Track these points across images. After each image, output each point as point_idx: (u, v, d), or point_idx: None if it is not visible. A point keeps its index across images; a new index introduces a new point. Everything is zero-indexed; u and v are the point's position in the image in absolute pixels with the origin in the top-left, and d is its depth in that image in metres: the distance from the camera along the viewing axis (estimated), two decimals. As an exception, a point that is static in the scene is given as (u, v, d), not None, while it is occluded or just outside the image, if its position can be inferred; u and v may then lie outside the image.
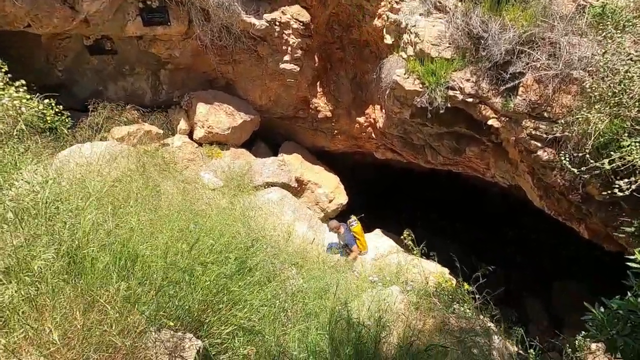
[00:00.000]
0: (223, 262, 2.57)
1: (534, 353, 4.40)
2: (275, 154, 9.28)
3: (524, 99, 4.97)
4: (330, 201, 8.89)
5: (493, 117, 5.61)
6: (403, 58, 6.49)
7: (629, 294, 2.24)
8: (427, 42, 5.93)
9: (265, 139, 10.02)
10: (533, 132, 4.95)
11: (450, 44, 5.72)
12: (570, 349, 4.50)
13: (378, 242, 7.91)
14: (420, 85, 6.04)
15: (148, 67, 7.93)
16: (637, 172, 3.54)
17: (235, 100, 8.44)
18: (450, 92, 5.70)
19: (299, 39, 7.60)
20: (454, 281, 5.69)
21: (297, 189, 8.42)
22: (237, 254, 2.78)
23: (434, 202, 12.09)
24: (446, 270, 6.81)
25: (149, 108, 7.83)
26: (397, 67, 6.52)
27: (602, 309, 2.34)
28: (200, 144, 7.83)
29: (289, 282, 3.53)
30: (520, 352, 4.24)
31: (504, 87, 5.04)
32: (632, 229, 3.76)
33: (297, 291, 3.29)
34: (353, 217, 6.89)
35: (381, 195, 12.22)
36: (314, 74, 8.24)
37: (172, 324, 2.05)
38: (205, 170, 7.14)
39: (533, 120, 5.02)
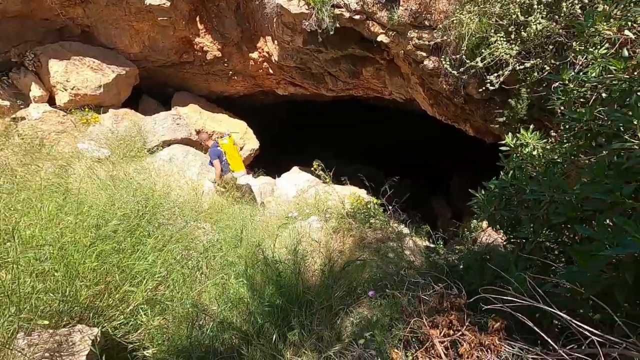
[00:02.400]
0: (105, 238, 2.21)
1: (441, 243, 5.05)
2: (169, 109, 8.30)
3: (406, 9, 4.97)
4: (241, 148, 8.48)
5: (381, 33, 5.57)
6: (283, -22, 5.90)
7: (502, 173, 2.52)
8: (305, -44, 5.43)
9: (152, 93, 8.83)
10: (418, 42, 5.07)
11: (328, -44, 5.30)
12: (467, 232, 5.27)
13: (297, 179, 7.96)
14: (306, 7, 5.65)
15: (-41, 21, 6.05)
16: (504, 65, 3.89)
17: (101, 52, 7.06)
18: (337, 11, 5.45)
19: (160, -35, 6.38)
20: (374, 200, 6.08)
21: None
22: (122, 226, 2.42)
23: (343, 129, 12.43)
24: (363, 192, 7.24)
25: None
26: (279, -11, 5.94)
27: (482, 191, 2.62)
28: (68, 111, 6.53)
29: (201, 238, 3.30)
30: (430, 245, 4.80)
31: (385, -1, 4.94)
32: (503, 119, 4.26)
33: (210, 246, 3.10)
34: (226, 132, 6.41)
35: (293, 132, 12.10)
36: (189, 8, 7.15)
37: (46, 322, 1.72)
38: (83, 140, 6.06)
39: (417, 30, 5.10)
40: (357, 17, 5.47)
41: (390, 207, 4.81)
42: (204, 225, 3.76)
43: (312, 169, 4.81)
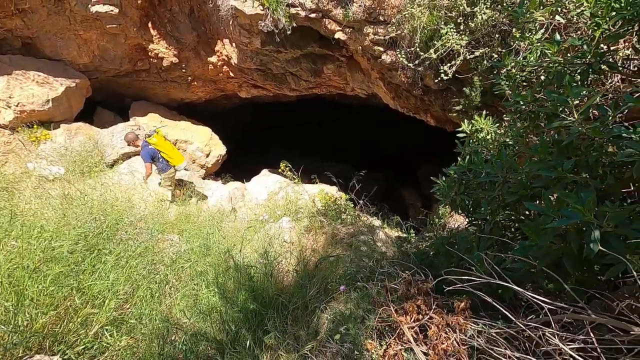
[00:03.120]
0: (59, 260, 2.08)
1: (413, 232, 5.18)
2: (127, 120, 7.97)
3: (360, 5, 5.04)
4: (208, 155, 8.30)
5: (338, 30, 5.62)
6: (235, -22, 5.82)
7: (459, 159, 2.62)
8: (255, -44, 5.37)
9: (108, 104, 8.46)
10: (374, 37, 5.15)
11: (279, -45, 5.28)
12: (436, 219, 5.44)
13: (267, 182, 7.88)
14: (261, 7, 5.60)
15: None
16: (456, 55, 4.03)
17: (46, 64, 6.66)
18: (293, 10, 5.44)
19: (104, -30, 6.10)
20: (343, 196, 6.13)
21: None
22: (79, 246, 2.29)
23: (310, 128, 12.45)
24: (334, 188, 7.29)
25: None
26: (232, -10, 5.85)
27: (443, 178, 2.71)
28: (14, 130, 6.10)
29: (169, 250, 3.19)
30: (401, 235, 4.91)
31: (339, -4, 4.98)
32: (460, 107, 4.42)
33: (178, 257, 3.00)
34: (152, 128, 5.82)
35: (260, 134, 11.98)
36: (140, 14, 6.89)
37: (-4, 357, 1.59)
38: (32, 159, 5.69)
39: (372, 26, 5.18)
40: (313, 15, 5.48)
41: (360, 202, 4.88)
42: (171, 237, 3.64)
43: (280, 170, 4.77)
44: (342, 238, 3.99)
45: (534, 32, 2.05)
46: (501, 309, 1.43)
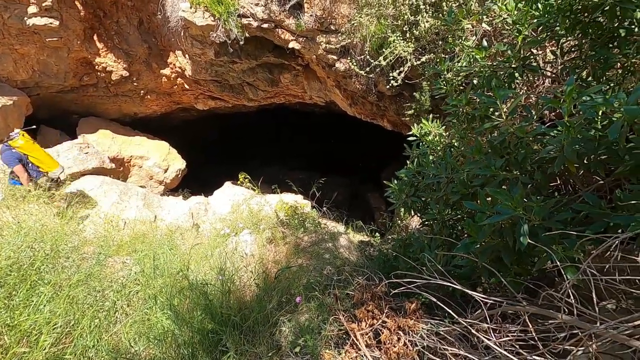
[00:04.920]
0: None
1: (378, 236, 5.25)
2: (75, 137, 7.51)
3: (311, 15, 5.10)
4: (166, 170, 7.99)
5: (292, 40, 5.66)
6: (184, -11, 5.71)
7: (408, 162, 2.69)
8: (202, -33, 5.31)
9: (54, 122, 7.92)
10: (327, 46, 5.23)
11: (227, -34, 5.25)
12: (399, 221, 5.56)
13: (230, 195, 7.70)
14: (212, 18, 5.52)
15: None
16: (404, 62, 4.18)
17: (-22, 82, 6.14)
18: (244, 20, 5.41)
19: (40, -19, 5.76)
20: (307, 204, 6.11)
21: (119, 169, 7.16)
22: (10, 278, 2.09)
23: (273, 138, 12.39)
24: (300, 197, 7.25)
25: None
26: (181, 1, 5.73)
27: (395, 181, 2.77)
28: (-59, 154, 5.54)
29: (119, 274, 3.01)
30: (365, 239, 4.96)
31: (289, 5, 5.02)
32: (412, 111, 4.57)
33: (128, 281, 2.83)
34: (16, 130, 4.90)
35: (222, 146, 11.74)
36: (84, 26, 6.56)
37: None
38: (-36, 186, 5.18)
39: (324, 35, 5.27)
40: (265, 25, 5.48)
41: (324, 208, 4.88)
42: (122, 259, 3.44)
43: (239, 182, 4.68)
44: (305, 247, 3.95)
45: (463, 39, 2.17)
46: (445, 307, 1.46)
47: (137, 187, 6.96)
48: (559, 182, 1.74)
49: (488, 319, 1.26)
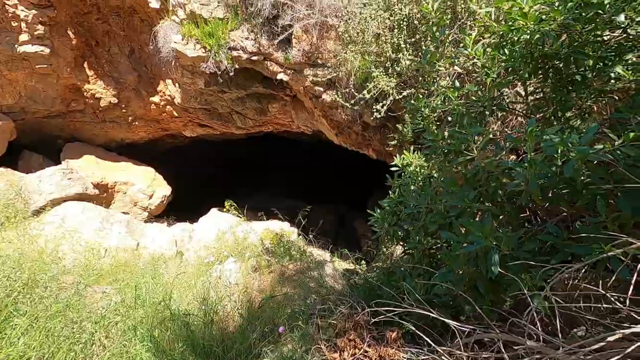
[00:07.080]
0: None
1: (364, 264, 5.26)
2: (59, 163, 7.42)
3: (299, 50, 5.34)
4: (151, 196, 7.91)
5: (281, 72, 5.87)
6: (177, 22, 5.93)
7: (390, 192, 2.79)
8: (196, 3, 5.55)
9: (38, 148, 7.84)
10: (314, 79, 5.45)
11: (219, 2, 5.51)
12: (384, 249, 5.60)
13: (216, 222, 7.63)
14: (203, 50, 5.71)
15: None
16: (387, 95, 4.40)
17: (-38, 106, 6.10)
18: (234, 53, 5.62)
19: (35, 11, 5.90)
20: (293, 232, 6.11)
21: (102, 195, 7.06)
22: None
23: (261, 165, 12.47)
24: (287, 224, 7.25)
25: None
26: (173, 33, 5.93)
27: (378, 210, 2.85)
28: None
29: (98, 304, 2.93)
30: (350, 267, 4.97)
31: (278, 40, 5.27)
32: (395, 142, 4.75)
33: (108, 311, 2.76)
34: None
35: (209, 173, 11.73)
36: (75, 54, 6.67)
37: None
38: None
39: (312, 68, 5.50)
40: (255, 58, 5.70)
41: (310, 236, 4.90)
42: (102, 289, 3.36)
43: (225, 209, 4.69)
44: (290, 275, 3.94)
45: (438, 80, 2.35)
46: (424, 336, 1.51)
47: (120, 213, 6.86)
48: (528, 213, 1.85)
49: (464, 347, 1.31)
